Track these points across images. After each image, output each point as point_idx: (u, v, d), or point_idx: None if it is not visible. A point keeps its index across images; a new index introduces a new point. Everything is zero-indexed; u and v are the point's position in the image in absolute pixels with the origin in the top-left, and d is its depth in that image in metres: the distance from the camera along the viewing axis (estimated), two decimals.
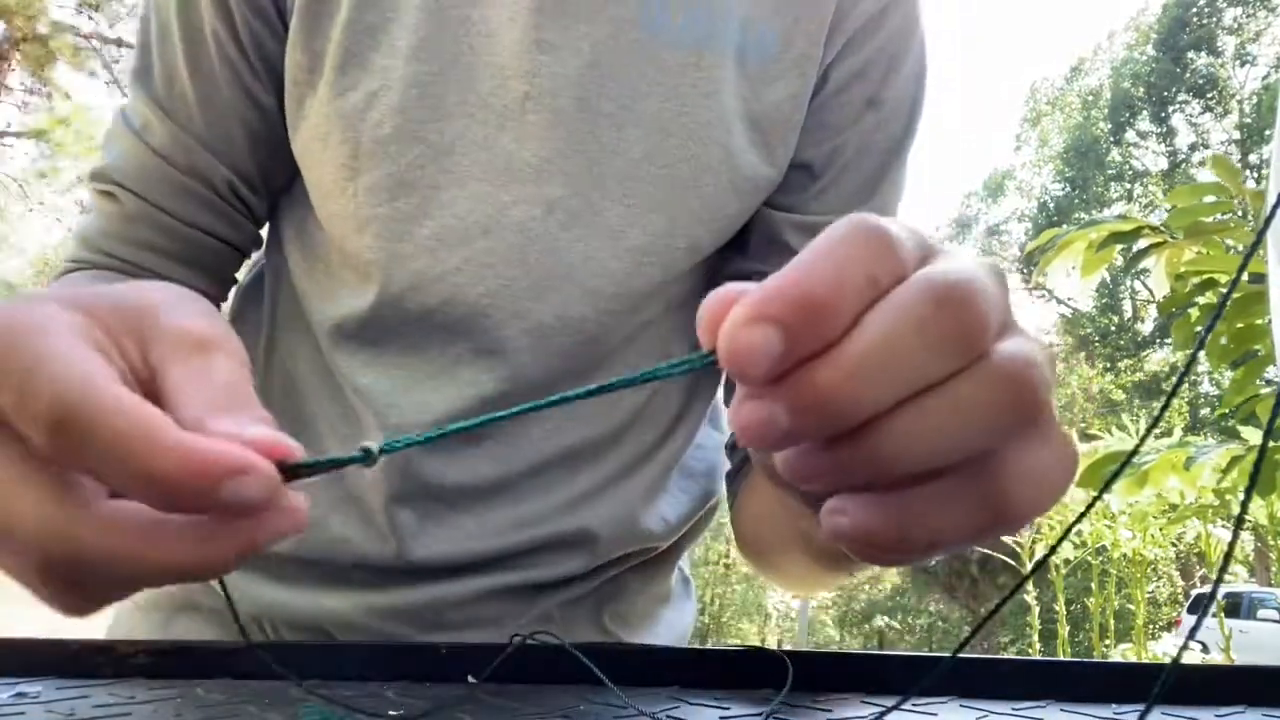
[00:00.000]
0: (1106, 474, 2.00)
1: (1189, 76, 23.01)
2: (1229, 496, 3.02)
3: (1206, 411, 19.49)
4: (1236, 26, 22.15)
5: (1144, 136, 24.51)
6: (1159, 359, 22.47)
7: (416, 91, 0.52)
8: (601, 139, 0.54)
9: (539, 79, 0.53)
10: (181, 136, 0.56)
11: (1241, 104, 22.12)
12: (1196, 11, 22.58)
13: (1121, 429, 5.04)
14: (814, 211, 0.59)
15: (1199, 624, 0.26)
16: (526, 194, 0.54)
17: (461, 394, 0.56)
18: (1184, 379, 0.31)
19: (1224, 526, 3.84)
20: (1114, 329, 23.50)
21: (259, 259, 0.66)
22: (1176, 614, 13.66)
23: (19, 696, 0.37)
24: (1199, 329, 1.99)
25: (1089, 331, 23.94)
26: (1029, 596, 5.67)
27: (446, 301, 0.55)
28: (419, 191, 0.53)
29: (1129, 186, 24.50)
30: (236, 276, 0.65)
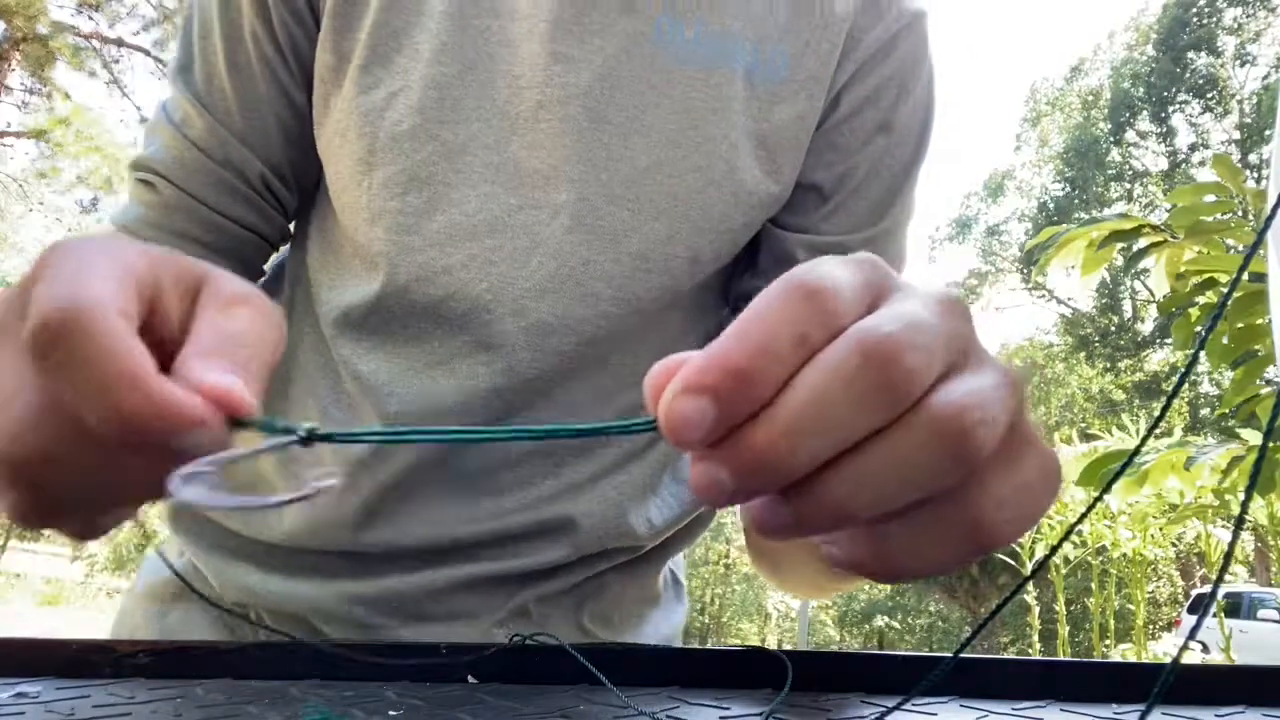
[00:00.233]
0: (1106, 474, 2.00)
1: (1189, 76, 23.02)
2: (1229, 496, 3.02)
3: (1206, 411, 19.50)
4: (1236, 26, 22.16)
5: (1144, 136, 24.52)
6: (1159, 359, 22.48)
7: (435, 93, 0.54)
8: (609, 148, 0.56)
9: (552, 88, 0.55)
10: (219, 130, 0.58)
11: (1241, 104, 22.13)
12: (1196, 11, 22.58)
13: (1121, 429, 5.04)
14: (825, 232, 0.61)
15: (1199, 624, 0.26)
16: (534, 197, 0.55)
17: (460, 386, 0.57)
18: (1184, 379, 0.31)
19: (1224, 526, 3.84)
20: (1114, 329, 23.51)
21: (281, 253, 0.68)
22: (1176, 614, 13.67)
23: (19, 696, 0.37)
24: (1199, 329, 1.99)
25: (1089, 331, 23.96)
26: (1029, 596, 5.67)
27: (450, 295, 0.56)
28: (430, 188, 0.55)
29: (1129, 186, 24.51)
30: (265, 268, 0.66)
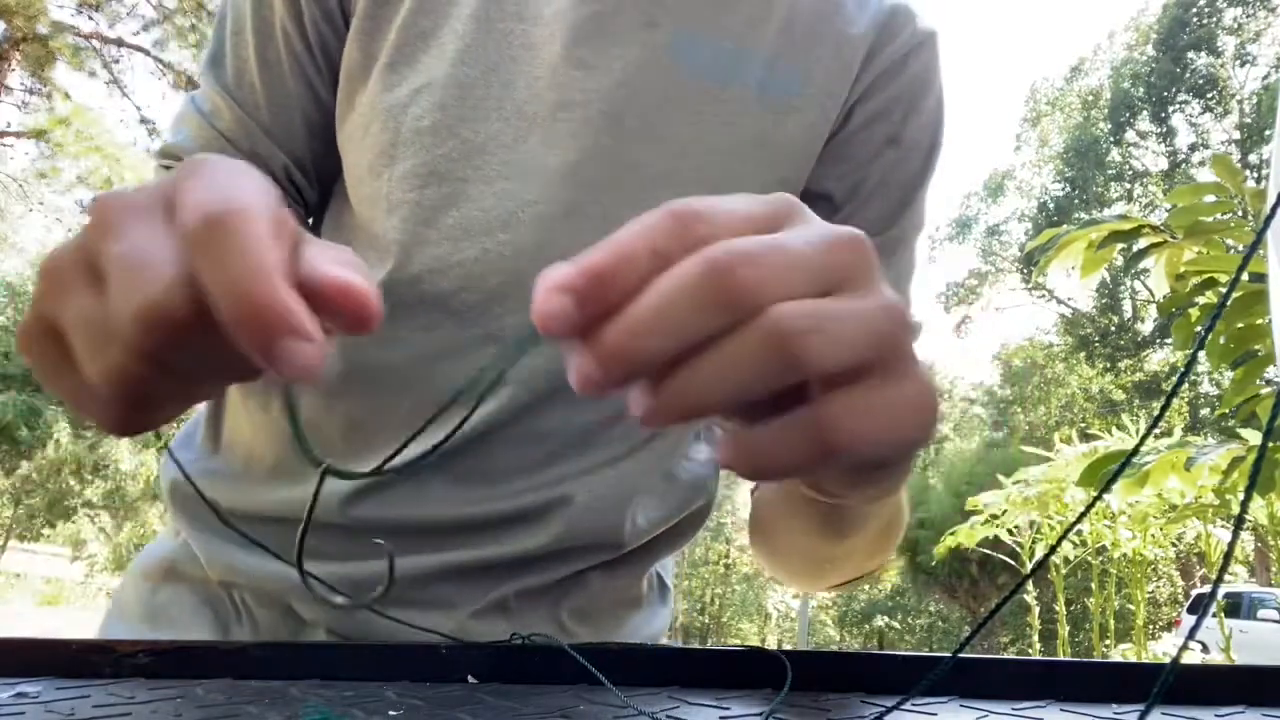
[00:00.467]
0: (1106, 474, 2.00)
1: (1189, 76, 23.01)
2: (1229, 496, 3.02)
3: (1206, 411, 19.51)
4: (1236, 26, 22.16)
5: (1144, 136, 24.52)
6: (1159, 359, 22.48)
7: (457, 92, 0.56)
8: (623, 153, 0.58)
9: (571, 92, 0.57)
10: (247, 122, 0.60)
11: (1241, 104, 22.13)
12: (1196, 11, 22.58)
13: (1121, 429, 5.04)
14: None
15: (1199, 624, 0.26)
16: (548, 195, 0.57)
17: (468, 375, 0.57)
18: (1184, 379, 0.31)
19: (1224, 526, 3.84)
20: (1114, 329, 23.51)
21: None
22: (1176, 614, 13.68)
23: (19, 696, 0.37)
24: (1199, 329, 1.99)
25: (1089, 331, 23.96)
26: (1029, 596, 5.67)
27: (463, 288, 0.57)
28: (448, 183, 0.57)
29: (1129, 186, 24.51)
30: None
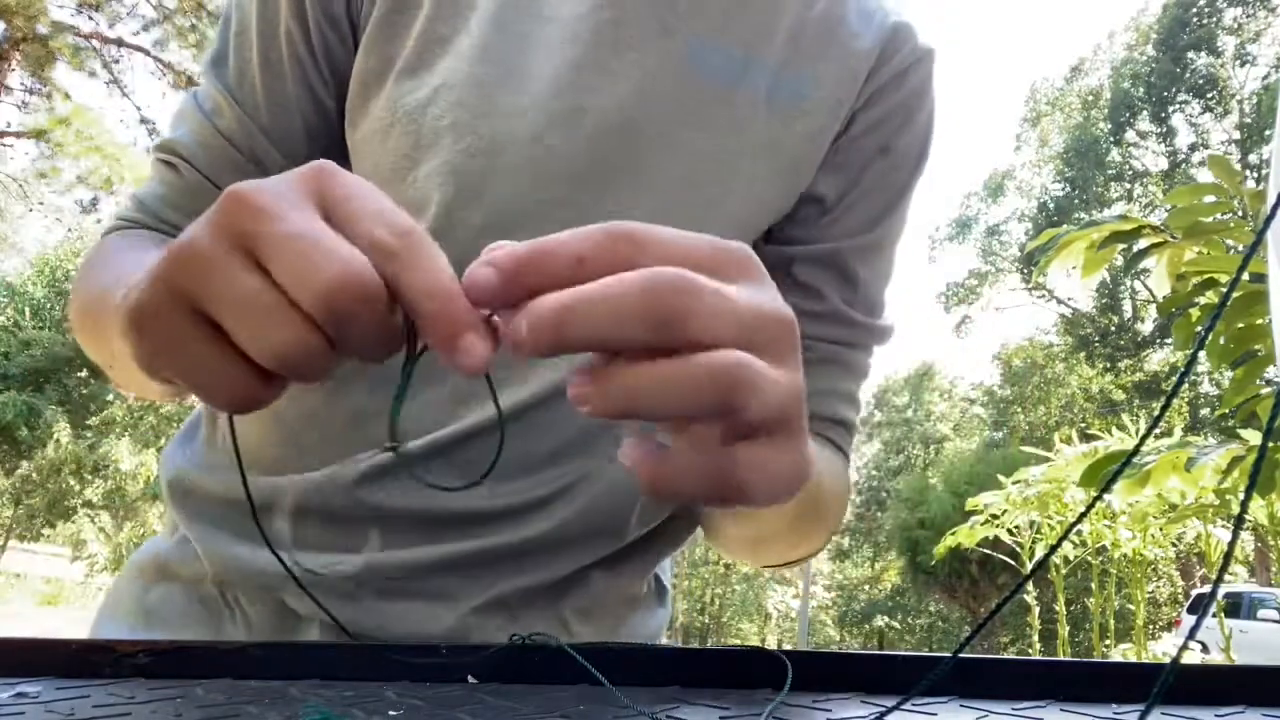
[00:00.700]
0: (1107, 474, 2.00)
1: (1189, 76, 23.00)
2: (1229, 496, 3.02)
3: (1206, 411, 19.50)
4: (1236, 26, 22.15)
5: (1144, 136, 24.51)
6: (1159, 359, 22.47)
7: (476, 91, 0.57)
8: (639, 157, 0.59)
9: (589, 96, 0.58)
10: (247, 123, 0.61)
11: (1241, 104, 22.12)
12: (1196, 11, 22.57)
13: (1121, 429, 5.03)
14: (820, 240, 0.66)
15: (1199, 624, 0.26)
16: (566, 196, 0.58)
17: (459, 392, 0.58)
18: (1184, 379, 0.31)
19: (1224, 526, 3.83)
20: (1114, 329, 23.50)
21: None
22: (1176, 614, 13.67)
23: (19, 696, 0.37)
24: (1199, 329, 1.99)
25: (1089, 331, 23.95)
26: (1029, 596, 5.66)
27: None
28: (471, 180, 0.57)
29: (1129, 186, 24.50)
30: None
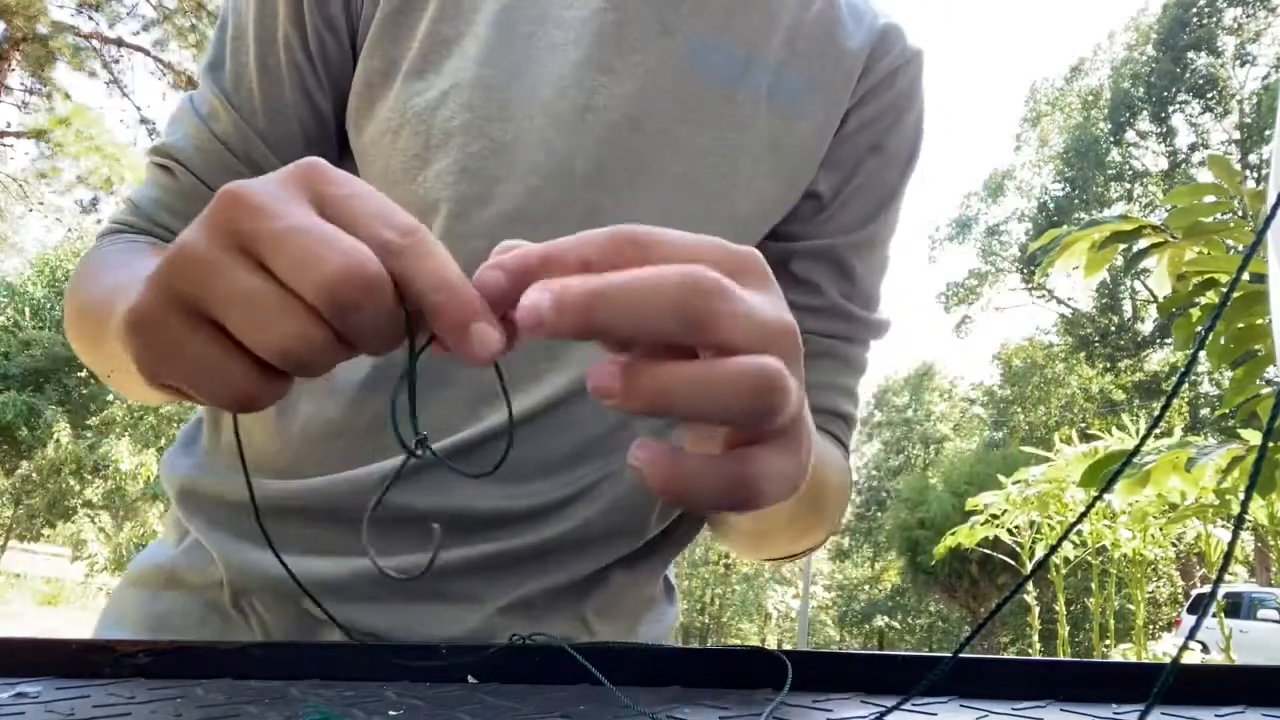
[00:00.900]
0: (1107, 474, 2.00)
1: (1189, 76, 23.00)
2: (1229, 496, 3.02)
3: (1206, 411, 19.50)
4: (1236, 26, 22.15)
5: (1144, 136, 24.50)
6: (1159, 359, 22.47)
7: (484, 93, 0.58)
8: (644, 156, 0.60)
9: (594, 97, 0.59)
10: (243, 127, 0.61)
11: (1241, 104, 22.12)
12: (1196, 11, 22.57)
13: (1121, 429, 5.03)
14: (816, 236, 0.68)
15: (1199, 624, 0.26)
16: (574, 195, 0.59)
17: (479, 393, 0.58)
18: (1184, 379, 0.31)
19: (1224, 526, 3.83)
20: (1114, 329, 23.50)
21: None
22: (1176, 614, 13.68)
23: (19, 696, 0.37)
24: (1199, 329, 1.99)
25: (1089, 331, 23.95)
26: (1029, 596, 5.66)
27: None
28: (481, 181, 0.58)
29: (1129, 186, 24.50)
30: None
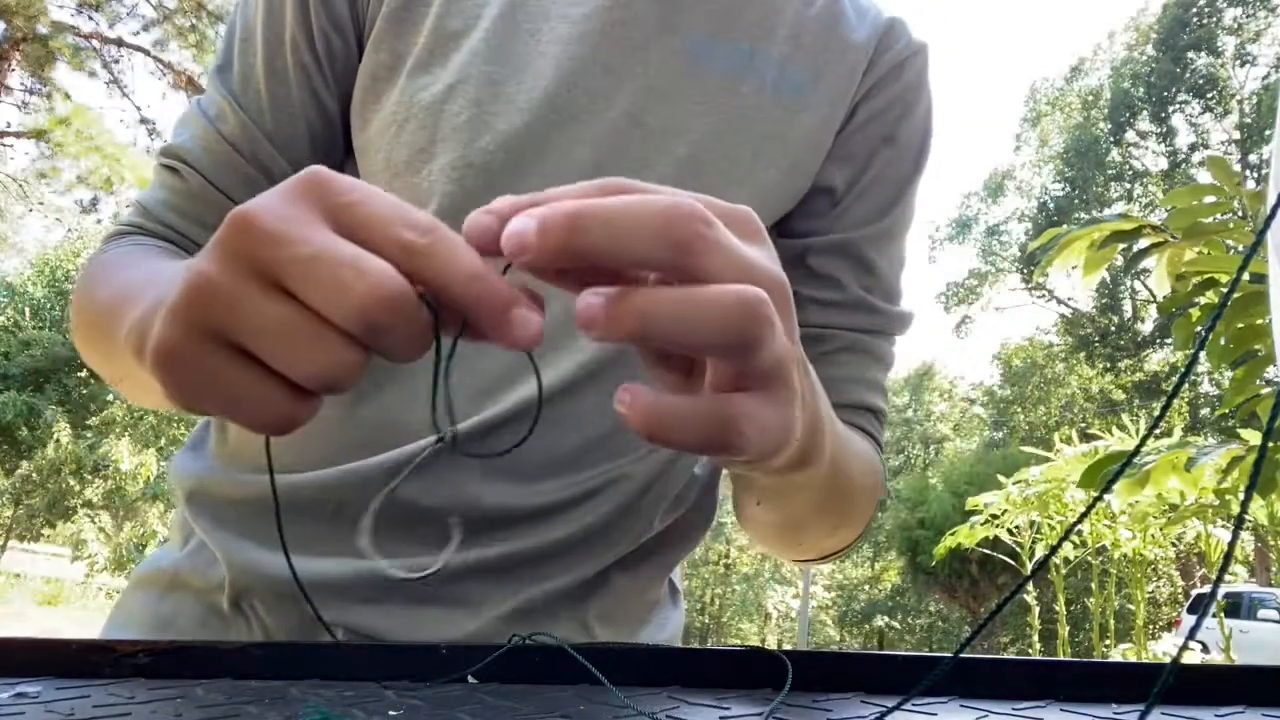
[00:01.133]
0: (1107, 474, 2.00)
1: (1189, 76, 23.00)
2: (1229, 497, 3.02)
3: (1206, 411, 19.50)
4: (1236, 26, 22.15)
5: (1144, 136, 24.51)
6: (1159, 359, 22.47)
7: (490, 89, 0.59)
8: (645, 150, 0.61)
9: (596, 96, 0.60)
10: (251, 128, 0.62)
11: (1241, 104, 22.11)
12: (1196, 11, 22.57)
13: (1121, 429, 5.03)
14: (832, 231, 0.69)
15: (1199, 624, 0.26)
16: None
17: (502, 371, 0.59)
18: (1184, 379, 0.31)
19: (1224, 526, 3.83)
20: (1114, 329, 23.50)
21: None
22: (1176, 614, 13.68)
23: (19, 696, 0.37)
24: (1199, 329, 1.99)
25: (1089, 331, 23.95)
26: (1029, 596, 5.67)
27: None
28: (486, 174, 0.59)
29: (1129, 186, 24.50)
30: None
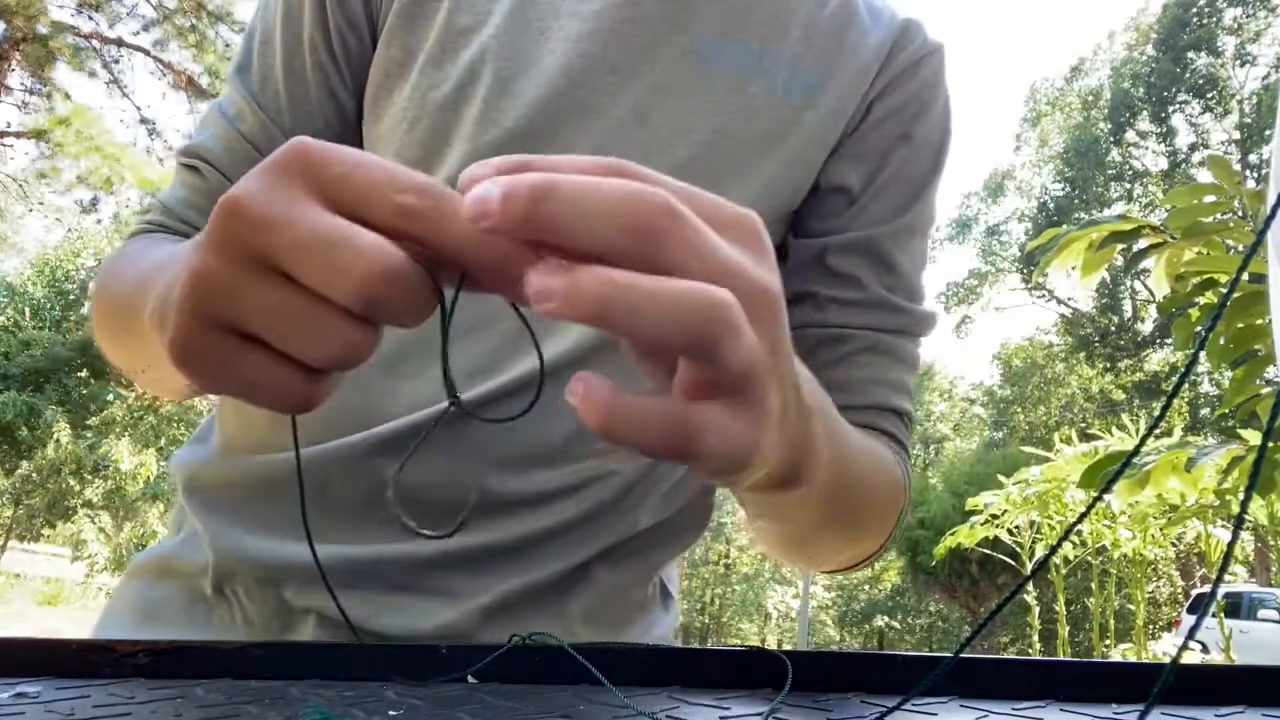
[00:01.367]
0: (1107, 475, 2.00)
1: (1189, 76, 23.00)
2: (1229, 497, 3.02)
3: (1206, 411, 19.50)
4: (1236, 26, 22.15)
5: (1144, 136, 24.51)
6: (1159, 359, 22.48)
7: (499, 85, 0.60)
8: (649, 147, 0.61)
9: (602, 95, 0.61)
10: (269, 126, 0.64)
11: (1241, 104, 22.12)
12: (1196, 11, 22.57)
13: (1121, 429, 5.03)
14: (851, 229, 0.68)
15: (1199, 624, 0.26)
16: None
17: (504, 344, 0.59)
18: (1184, 379, 0.31)
19: (1224, 526, 3.83)
20: (1114, 329, 23.50)
21: None
22: (1176, 614, 13.68)
23: (19, 696, 0.37)
24: (1199, 329, 1.99)
25: (1089, 331, 23.95)
26: (1029, 596, 5.67)
27: None
28: None
29: (1129, 186, 24.51)
30: None
